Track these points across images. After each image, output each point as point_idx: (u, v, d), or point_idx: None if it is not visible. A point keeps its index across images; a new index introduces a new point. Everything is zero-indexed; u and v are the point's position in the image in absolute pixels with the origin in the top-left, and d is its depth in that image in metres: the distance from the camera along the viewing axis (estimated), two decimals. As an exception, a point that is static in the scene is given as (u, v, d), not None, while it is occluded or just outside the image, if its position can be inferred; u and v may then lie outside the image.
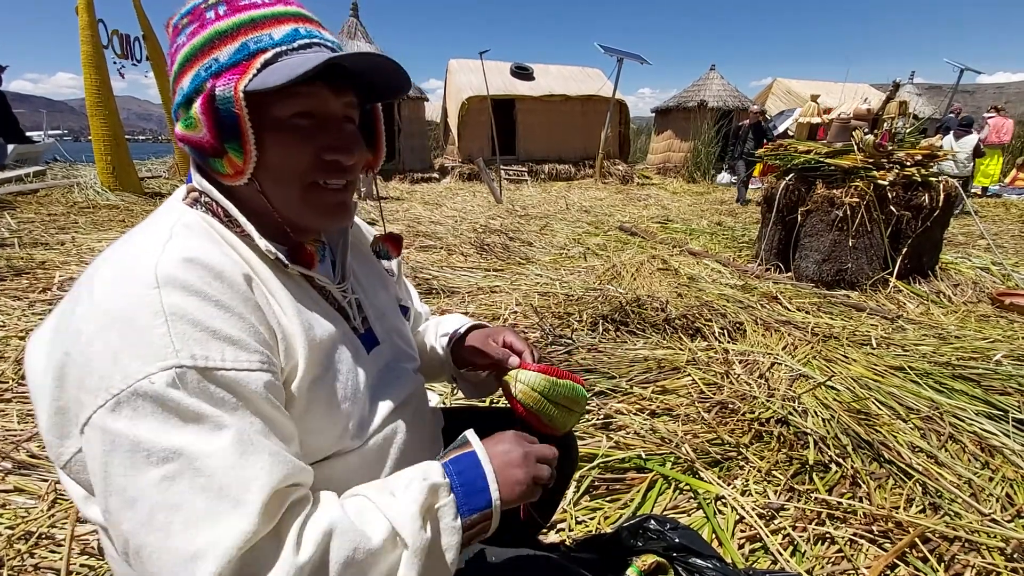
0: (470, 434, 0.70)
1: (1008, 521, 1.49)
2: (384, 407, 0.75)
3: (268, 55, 0.60)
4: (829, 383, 2.19)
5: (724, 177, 11.63)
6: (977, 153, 8.59)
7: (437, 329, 1.03)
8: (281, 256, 0.66)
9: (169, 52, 0.67)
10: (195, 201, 0.67)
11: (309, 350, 0.64)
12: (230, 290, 0.59)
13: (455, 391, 2.05)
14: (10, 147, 8.71)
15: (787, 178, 4.13)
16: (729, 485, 1.63)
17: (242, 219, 0.65)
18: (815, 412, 1.98)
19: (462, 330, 0.98)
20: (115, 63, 6.68)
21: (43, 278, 3.19)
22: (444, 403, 1.97)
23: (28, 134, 10.50)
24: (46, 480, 1.55)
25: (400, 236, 0.89)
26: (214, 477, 0.51)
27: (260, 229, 0.66)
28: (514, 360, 0.85)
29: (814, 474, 1.68)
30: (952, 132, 8.66)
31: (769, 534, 1.44)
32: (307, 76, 0.59)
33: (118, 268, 0.58)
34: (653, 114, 15.19)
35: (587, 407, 0.90)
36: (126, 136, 6.41)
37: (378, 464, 0.74)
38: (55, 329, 0.59)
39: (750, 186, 11.38)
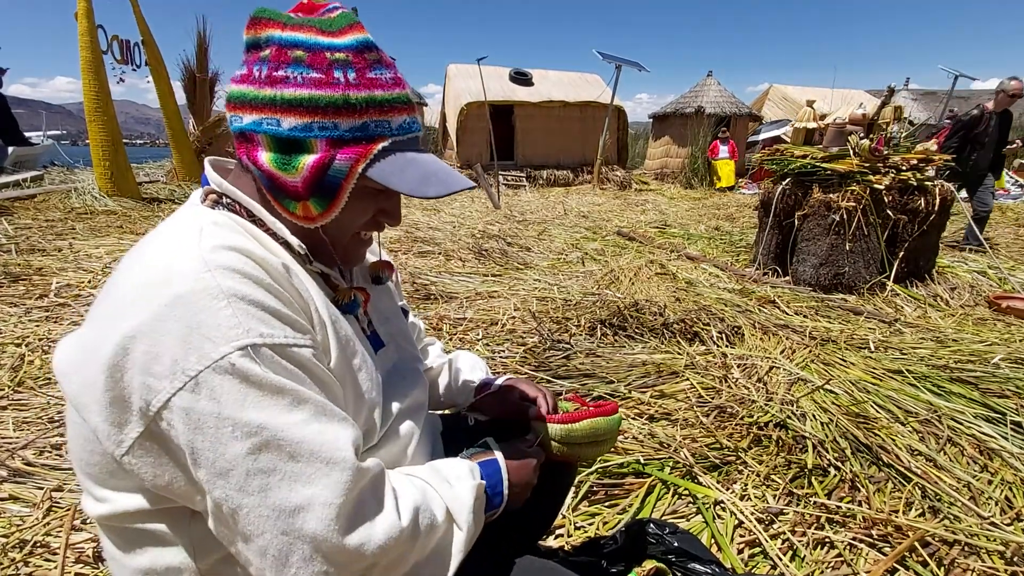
0: (492, 443, 0.82)
1: (1007, 524, 1.49)
2: (397, 404, 0.78)
3: (386, 143, 0.65)
4: (827, 387, 2.19)
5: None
6: None
7: (457, 374, 1.09)
8: (308, 252, 0.69)
9: (260, 64, 0.63)
10: (215, 203, 0.68)
11: (338, 341, 0.68)
12: (274, 276, 0.62)
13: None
14: (9, 149, 8.72)
15: (784, 183, 4.15)
16: (728, 490, 1.63)
17: (268, 217, 0.68)
18: (813, 416, 1.98)
19: (484, 385, 1.05)
20: (114, 69, 6.70)
21: (40, 284, 3.18)
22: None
23: (27, 135, 10.50)
24: (41, 488, 1.54)
25: (391, 264, 0.93)
26: (302, 443, 0.55)
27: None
28: (533, 411, 0.94)
29: (813, 478, 1.68)
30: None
31: (768, 539, 1.44)
32: (429, 198, 0.66)
33: (158, 261, 0.59)
34: (651, 120, 15.25)
35: (614, 433, 0.98)
36: (124, 140, 6.41)
37: (400, 460, 0.77)
38: (92, 327, 0.59)
39: (746, 191, 11.32)
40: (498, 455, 0.79)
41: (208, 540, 0.60)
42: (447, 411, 1.12)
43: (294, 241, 0.68)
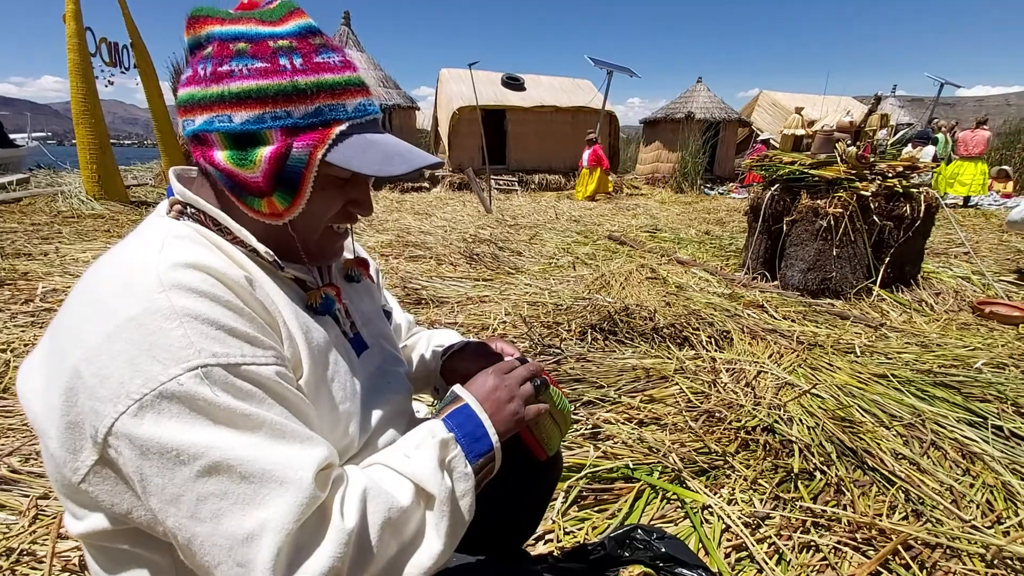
0: (459, 389, 0.75)
1: (988, 528, 1.51)
2: (380, 410, 0.76)
3: (343, 127, 0.64)
4: (814, 391, 2.22)
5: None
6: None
7: (430, 340, 1.05)
8: (277, 259, 0.68)
9: (204, 62, 0.62)
10: (180, 213, 0.67)
11: (309, 352, 0.66)
12: (235, 291, 0.60)
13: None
14: (-7, 153, 8.63)
15: (772, 188, 4.20)
16: (716, 494, 1.65)
17: (234, 226, 0.66)
18: (800, 420, 2.00)
19: (457, 345, 1.00)
20: (103, 71, 6.66)
21: (25, 289, 3.15)
22: (431, 415, 1.96)
23: (12, 137, 10.39)
24: (27, 496, 1.53)
25: (367, 260, 0.91)
26: (254, 462, 0.52)
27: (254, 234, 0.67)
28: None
29: (799, 482, 1.70)
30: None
31: (755, 543, 1.45)
32: (394, 178, 0.65)
33: (115, 279, 0.57)
34: (642, 125, 15.37)
35: (571, 426, 0.93)
36: (111, 141, 6.36)
37: None
38: (51, 348, 0.58)
39: (736, 195, 11.38)
40: (468, 399, 0.72)
41: None
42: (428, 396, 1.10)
43: (261, 248, 0.66)
